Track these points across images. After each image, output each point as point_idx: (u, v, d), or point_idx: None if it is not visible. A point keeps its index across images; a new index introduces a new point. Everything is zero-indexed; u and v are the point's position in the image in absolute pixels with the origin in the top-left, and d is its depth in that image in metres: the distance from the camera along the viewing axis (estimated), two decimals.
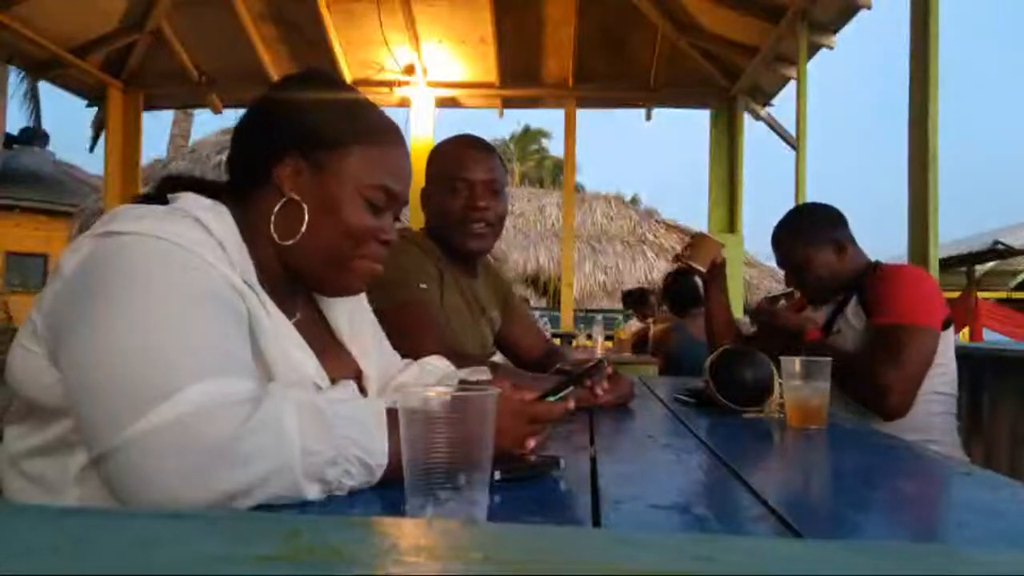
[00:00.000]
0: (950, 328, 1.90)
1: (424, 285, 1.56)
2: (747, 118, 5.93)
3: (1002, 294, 11.76)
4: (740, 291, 5.87)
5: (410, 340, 1.31)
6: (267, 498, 0.69)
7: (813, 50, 4.43)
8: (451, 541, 0.32)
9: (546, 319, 5.63)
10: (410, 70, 6.01)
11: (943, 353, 1.87)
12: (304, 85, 1.00)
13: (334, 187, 0.93)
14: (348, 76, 6.06)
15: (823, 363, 1.30)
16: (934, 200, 2.87)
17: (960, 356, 1.95)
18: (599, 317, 5.13)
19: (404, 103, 6.24)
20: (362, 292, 1.10)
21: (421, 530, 0.34)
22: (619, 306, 7.81)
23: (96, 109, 6.30)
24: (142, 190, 1.00)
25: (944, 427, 1.89)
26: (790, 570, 0.29)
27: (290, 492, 0.70)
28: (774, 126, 5.73)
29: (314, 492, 0.71)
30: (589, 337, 4.90)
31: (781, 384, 1.38)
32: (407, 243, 1.63)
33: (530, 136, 28.01)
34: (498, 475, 0.79)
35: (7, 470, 0.83)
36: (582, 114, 6.27)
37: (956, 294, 9.23)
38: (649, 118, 6.48)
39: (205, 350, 0.73)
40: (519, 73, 6.14)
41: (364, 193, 0.94)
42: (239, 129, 1.00)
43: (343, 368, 1.03)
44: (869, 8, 4.01)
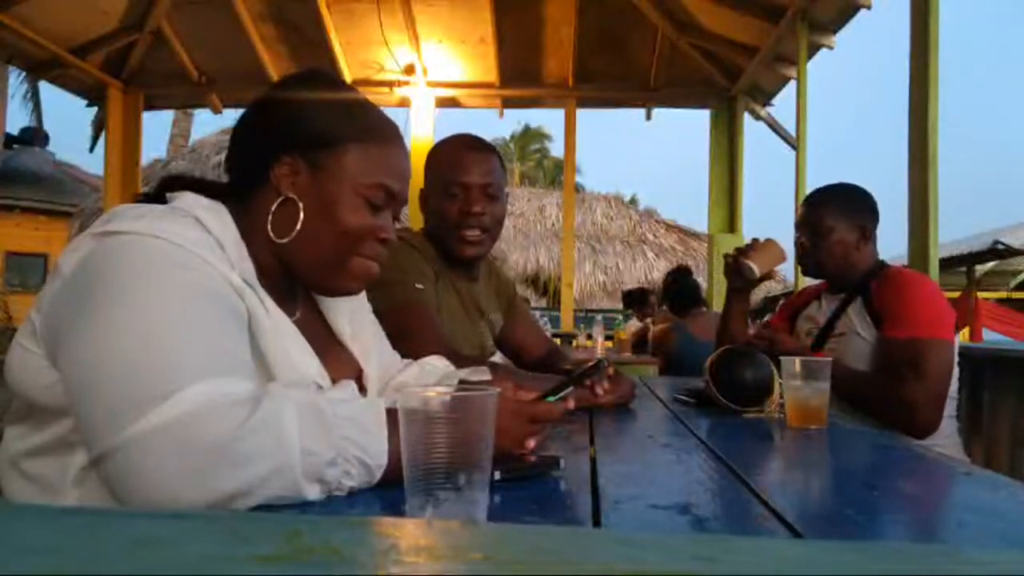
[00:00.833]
0: (956, 332, 1.89)
1: (420, 286, 1.56)
2: (747, 118, 5.93)
3: (1002, 294, 11.75)
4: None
5: (410, 340, 1.31)
6: (267, 498, 0.69)
7: (813, 50, 4.43)
8: (451, 541, 0.32)
9: (546, 319, 5.62)
10: (410, 70, 6.02)
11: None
12: (303, 85, 1.00)
13: (332, 186, 0.93)
14: (348, 76, 6.06)
15: (823, 363, 1.30)
16: (934, 200, 2.87)
17: (960, 356, 1.95)
18: (599, 317, 5.12)
19: (404, 103, 6.24)
20: (360, 292, 1.09)
21: (421, 530, 0.34)
22: (619, 306, 7.81)
23: (96, 109, 6.30)
24: (142, 190, 1.00)
25: (946, 429, 1.89)
26: (790, 570, 0.29)
27: (290, 492, 0.70)
28: (774, 126, 5.73)
29: (314, 492, 0.71)
30: (589, 337, 4.90)
31: (781, 384, 1.38)
32: (404, 244, 1.63)
33: (530, 136, 28.02)
34: (498, 475, 0.79)
35: (7, 470, 0.83)
36: (582, 114, 6.27)
37: (956, 294, 9.23)
38: (649, 118, 6.49)
39: (205, 350, 0.73)
40: (519, 73, 6.14)
41: (362, 192, 0.94)
42: (238, 129, 1.00)
43: (343, 368, 1.03)
44: (869, 8, 4.01)
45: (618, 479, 0.89)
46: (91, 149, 6.57)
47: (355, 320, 1.11)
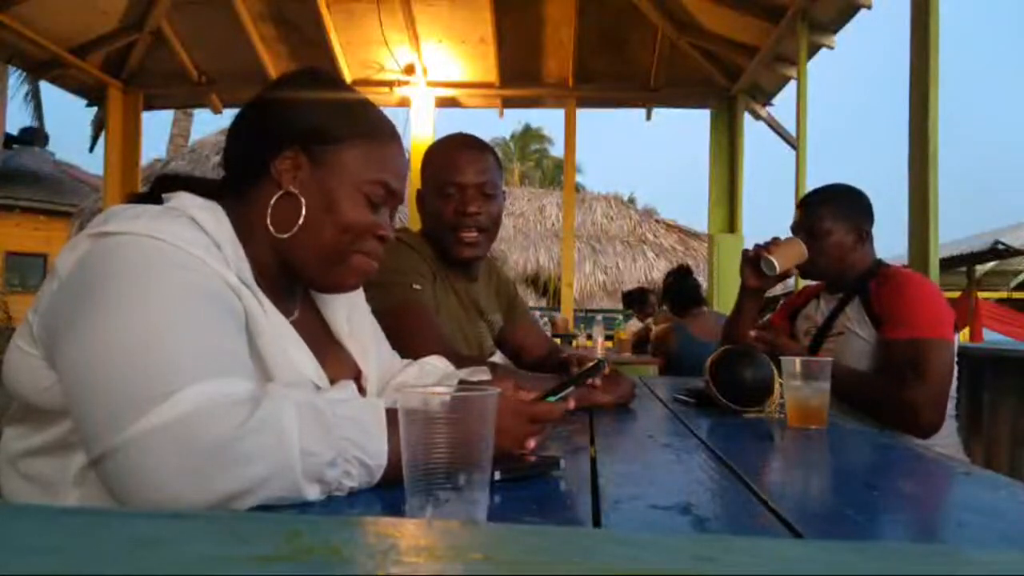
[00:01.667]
0: (956, 332, 1.89)
1: (419, 286, 1.56)
2: (747, 118, 5.94)
3: (1002, 294, 11.76)
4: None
5: (409, 340, 1.31)
6: (267, 499, 0.69)
7: (813, 50, 4.43)
8: (451, 541, 0.32)
9: (546, 319, 5.62)
10: (410, 70, 6.02)
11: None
12: (303, 82, 1.00)
13: (333, 182, 0.94)
14: (348, 76, 6.06)
15: (823, 363, 1.30)
16: (934, 200, 2.87)
17: (960, 356, 1.95)
18: (599, 317, 5.13)
19: (404, 103, 6.25)
20: (357, 288, 1.09)
21: (421, 530, 0.34)
22: (619, 306, 7.81)
23: (96, 109, 6.30)
24: (140, 189, 1.01)
25: (945, 429, 1.89)
26: (790, 570, 0.29)
27: (290, 493, 0.70)
28: (774, 126, 5.73)
29: (314, 493, 0.71)
30: (589, 337, 4.90)
31: (781, 384, 1.38)
32: (402, 245, 1.63)
33: (530, 136, 28.02)
34: (498, 475, 0.79)
35: (6, 470, 0.83)
36: (582, 114, 6.28)
37: (956, 294, 9.23)
38: (649, 118, 6.49)
39: (203, 350, 0.73)
40: (519, 73, 6.14)
41: (363, 188, 0.95)
42: (236, 125, 0.99)
43: (341, 367, 1.02)
44: (869, 8, 4.01)
45: (618, 479, 0.89)
46: (91, 149, 6.58)
47: (353, 319, 1.10)
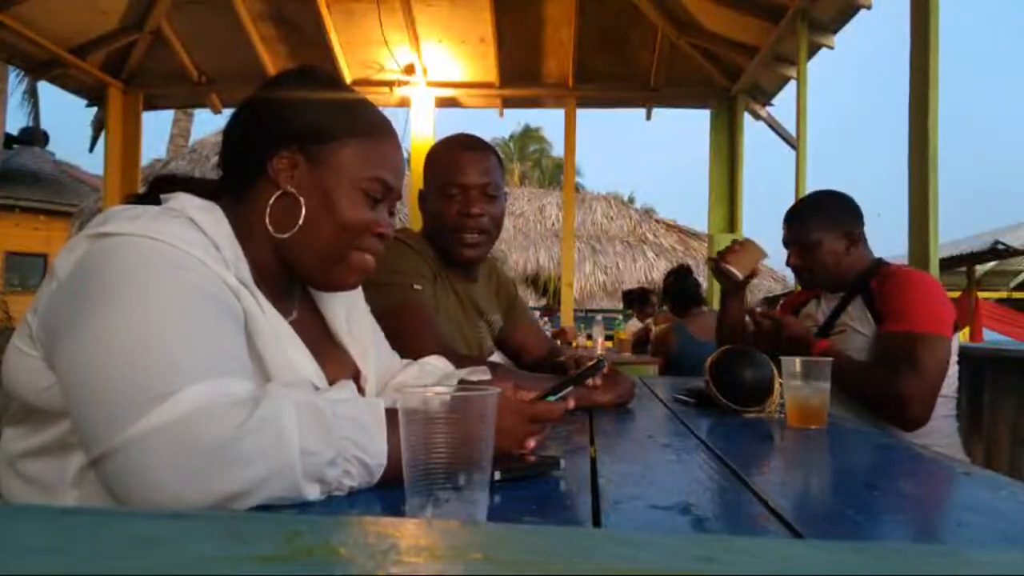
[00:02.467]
0: (956, 331, 1.88)
1: (419, 286, 1.56)
2: (747, 118, 5.93)
3: (1002, 294, 11.77)
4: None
5: (409, 340, 1.31)
6: (267, 498, 0.69)
7: (813, 50, 4.43)
8: (451, 541, 0.32)
9: (546, 319, 5.62)
10: (410, 70, 6.01)
11: (950, 359, 1.86)
12: (297, 81, 0.99)
13: (331, 180, 0.94)
14: (348, 76, 6.06)
15: (823, 363, 1.30)
16: (934, 200, 2.87)
17: (960, 356, 1.95)
18: (599, 317, 5.13)
19: (404, 103, 6.24)
20: (357, 287, 1.09)
21: (421, 530, 0.34)
22: (619, 306, 7.81)
23: (96, 109, 6.29)
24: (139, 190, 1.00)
25: (945, 429, 1.89)
26: (790, 570, 0.29)
27: (290, 492, 0.70)
28: (774, 126, 5.73)
29: (314, 492, 0.71)
30: (589, 337, 4.90)
31: (781, 384, 1.38)
32: (401, 244, 1.63)
33: (530, 136, 28.02)
34: (498, 475, 0.79)
35: (5, 471, 0.83)
36: (582, 114, 6.27)
37: (956, 294, 9.23)
38: (649, 118, 6.49)
39: (203, 350, 0.73)
40: (519, 73, 6.14)
41: (361, 186, 0.95)
42: (232, 126, 0.99)
43: (340, 367, 1.02)
44: (869, 8, 4.01)
45: (618, 479, 0.89)
46: (91, 149, 6.57)
47: (352, 318, 1.10)
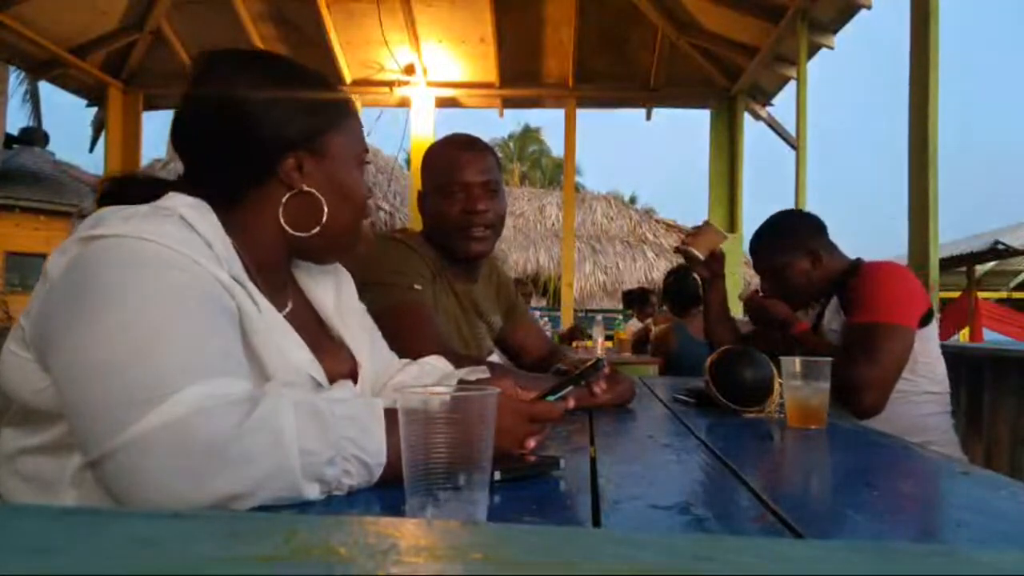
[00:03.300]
0: (932, 324, 1.86)
1: (418, 286, 1.56)
2: (747, 118, 5.94)
3: (1002, 294, 11.78)
4: (739, 290, 5.87)
5: (408, 340, 1.31)
6: (267, 498, 0.69)
7: (813, 50, 4.43)
8: (451, 541, 0.32)
9: (546, 319, 5.62)
10: (410, 70, 6.02)
11: (927, 351, 1.84)
12: (266, 77, 0.96)
13: (338, 168, 0.98)
14: (348, 76, 6.07)
15: (823, 363, 1.30)
16: (934, 200, 2.87)
17: (960, 356, 1.94)
18: (599, 317, 5.12)
19: (404, 103, 6.25)
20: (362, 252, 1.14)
21: (421, 530, 0.34)
22: (619, 306, 7.81)
23: (96, 109, 6.30)
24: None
25: (940, 427, 1.88)
26: (790, 570, 0.29)
27: (289, 492, 0.70)
28: (774, 126, 5.73)
29: (313, 492, 0.71)
30: (589, 337, 4.89)
31: (781, 384, 1.38)
32: (401, 244, 1.62)
33: (529, 136, 28.02)
34: (498, 475, 0.79)
35: (3, 469, 0.83)
36: (582, 114, 6.27)
37: (956, 294, 9.24)
38: (649, 118, 6.49)
39: (200, 351, 0.73)
40: (519, 73, 6.14)
41: (358, 161, 1.02)
42: (210, 130, 0.96)
43: (336, 358, 1.02)
44: (869, 8, 4.01)
45: (618, 479, 0.89)
46: (91, 149, 6.58)
47: (341, 305, 1.11)
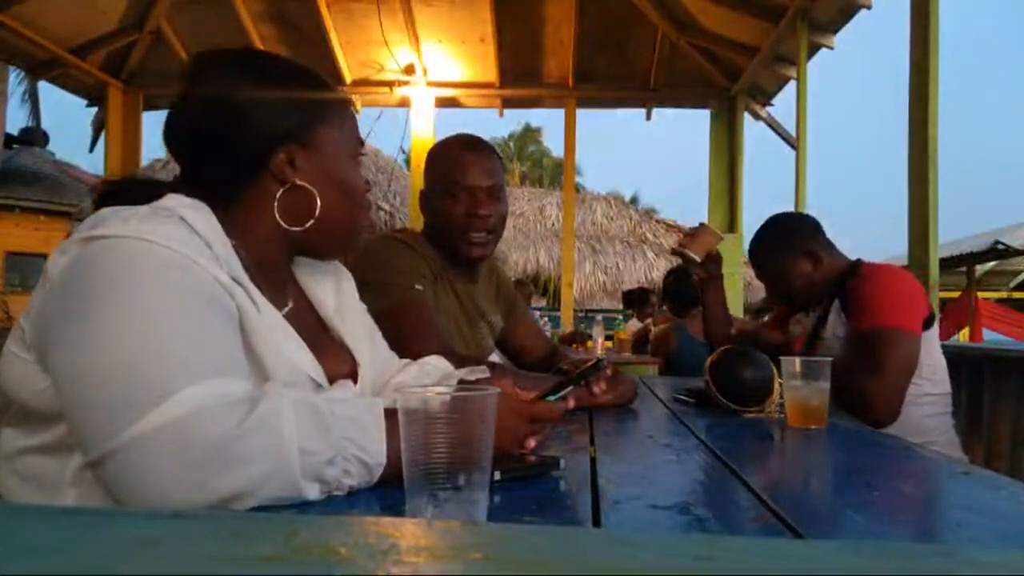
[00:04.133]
0: (933, 327, 1.85)
1: (419, 286, 1.56)
2: (747, 118, 5.94)
3: (1002, 294, 11.78)
4: (739, 291, 5.88)
5: (408, 340, 1.31)
6: (266, 498, 0.69)
7: (813, 50, 4.44)
8: (451, 541, 0.32)
9: (546, 319, 5.62)
10: (410, 70, 6.02)
11: (928, 353, 1.83)
12: (255, 72, 0.96)
13: (331, 162, 0.97)
14: (348, 76, 6.07)
15: (823, 363, 1.30)
16: (934, 200, 2.87)
17: (960, 356, 1.94)
18: (599, 317, 5.12)
19: (404, 103, 6.25)
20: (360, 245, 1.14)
21: (421, 530, 0.34)
22: (619, 306, 7.81)
23: (96, 109, 6.30)
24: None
25: (940, 427, 1.88)
26: (790, 570, 0.29)
27: (289, 492, 0.70)
28: (774, 126, 5.73)
29: (313, 492, 0.71)
30: (589, 338, 4.89)
31: (781, 384, 1.38)
32: (402, 244, 1.62)
33: (529, 136, 28.02)
34: (498, 475, 0.79)
35: (3, 468, 0.83)
36: (582, 114, 6.28)
37: (956, 294, 9.24)
38: (649, 118, 6.49)
39: (200, 351, 0.73)
40: (519, 73, 6.14)
41: (353, 153, 1.01)
42: (199, 128, 0.95)
43: (336, 358, 1.02)
44: (869, 8, 4.01)
45: (618, 479, 0.89)
46: (91, 149, 6.58)
47: (342, 304, 1.11)
